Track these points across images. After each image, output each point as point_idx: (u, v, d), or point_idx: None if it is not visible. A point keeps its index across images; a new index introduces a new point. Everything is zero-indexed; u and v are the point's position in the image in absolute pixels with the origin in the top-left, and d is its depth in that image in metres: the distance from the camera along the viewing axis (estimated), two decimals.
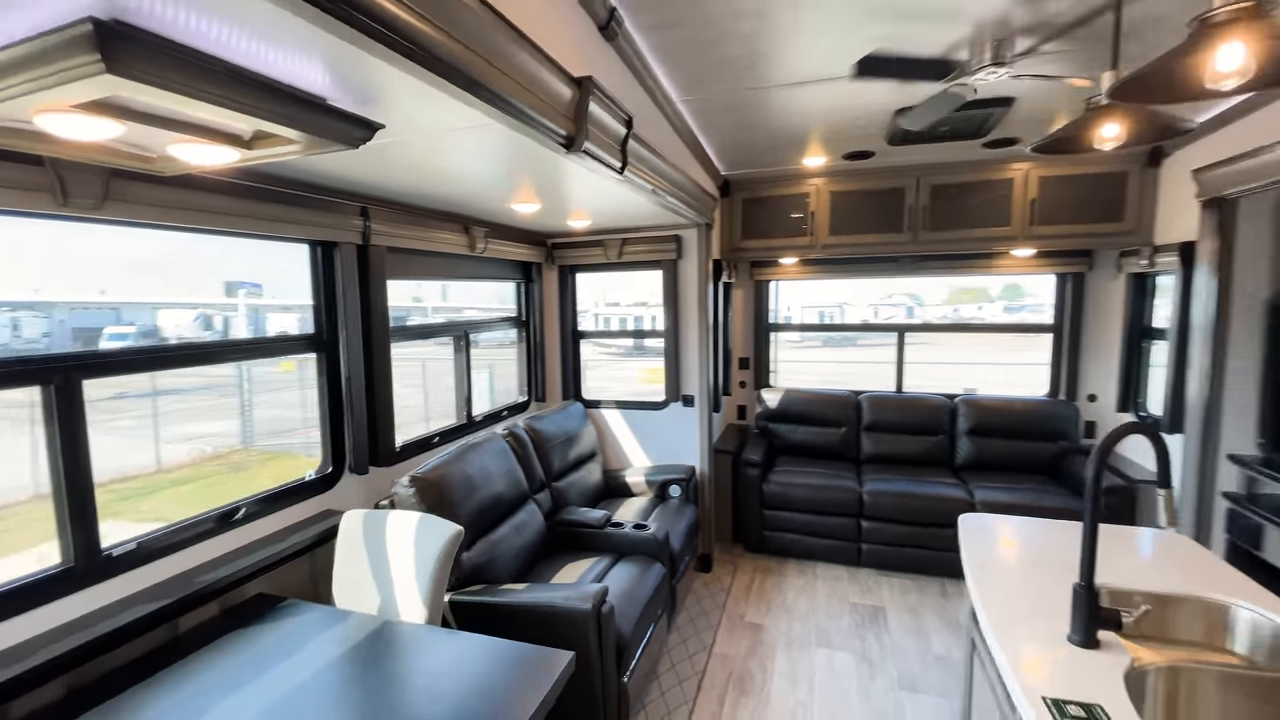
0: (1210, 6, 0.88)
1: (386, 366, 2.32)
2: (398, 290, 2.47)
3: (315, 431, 2.20)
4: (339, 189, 2.09)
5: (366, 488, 2.33)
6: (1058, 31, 1.98)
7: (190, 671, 1.42)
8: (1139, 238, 3.37)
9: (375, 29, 0.89)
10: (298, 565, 1.95)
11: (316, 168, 1.80)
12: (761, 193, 3.98)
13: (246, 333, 8.98)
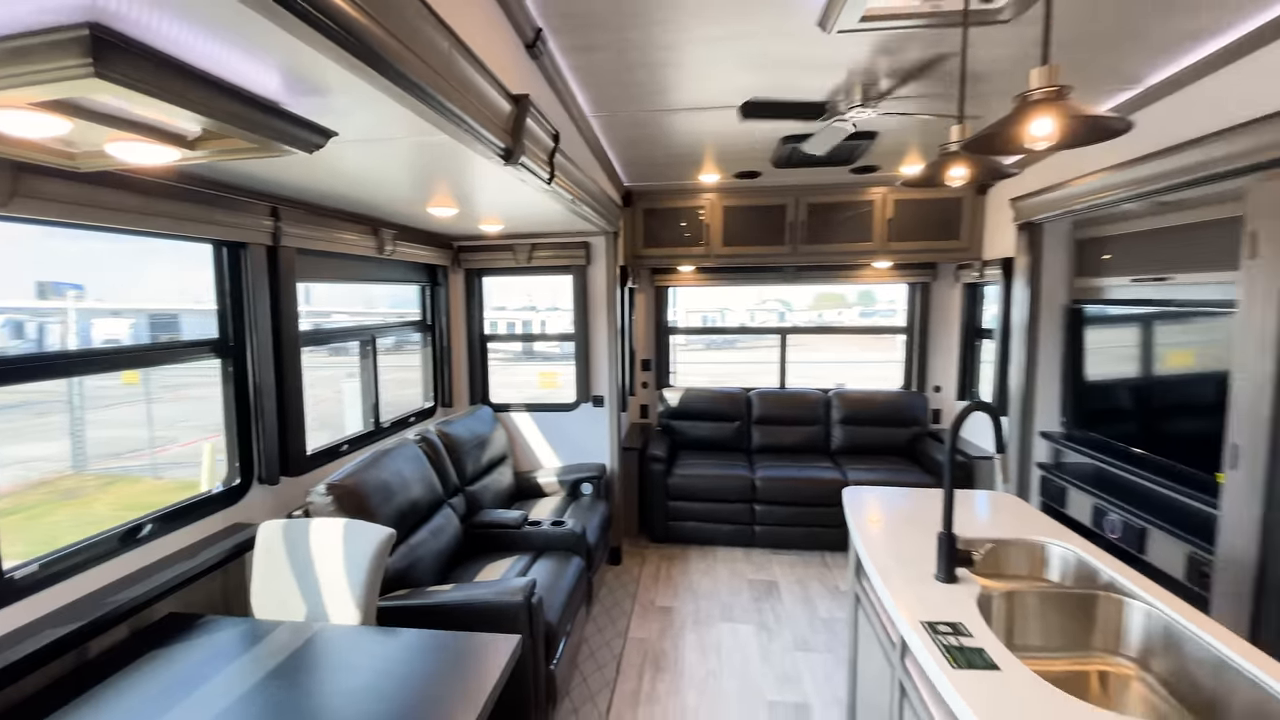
0: (1029, 88, 1.19)
1: (297, 372, 2.24)
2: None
3: (167, 450, 2.07)
4: (248, 188, 2.00)
5: (277, 498, 2.23)
6: (912, 76, 2.38)
7: (105, 699, 1.33)
8: (971, 253, 4.03)
9: (343, 37, 0.92)
10: (209, 582, 1.85)
11: (229, 167, 1.73)
12: (661, 204, 4.23)
13: (74, 341, 7.82)
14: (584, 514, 3.33)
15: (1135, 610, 1.46)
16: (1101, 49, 2.13)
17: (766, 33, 1.99)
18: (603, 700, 2.57)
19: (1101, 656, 1.49)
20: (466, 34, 1.36)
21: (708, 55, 2.16)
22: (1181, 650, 1.34)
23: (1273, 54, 1.93)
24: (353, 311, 3.13)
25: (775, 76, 2.34)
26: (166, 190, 1.65)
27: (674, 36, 2.01)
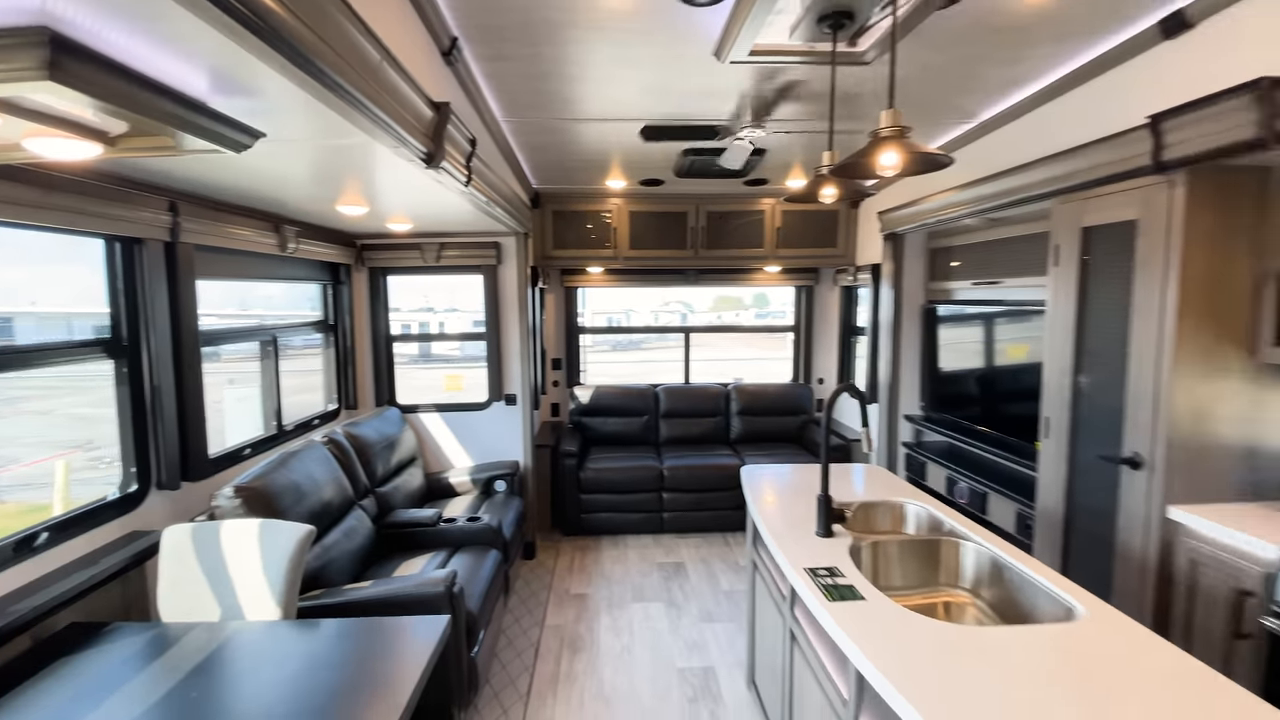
0: (880, 126, 1.47)
1: (197, 372, 2.16)
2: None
3: (10, 470, 1.96)
4: (146, 182, 1.92)
5: (177, 504, 2.14)
6: (794, 101, 2.70)
7: (12, 711, 1.28)
8: (847, 260, 4.51)
9: (281, 43, 0.98)
10: (109, 591, 1.76)
11: (129, 159, 1.68)
12: (570, 206, 4.37)
13: None
14: (499, 510, 3.39)
15: (969, 550, 1.81)
16: (944, 89, 2.54)
17: (670, 58, 2.20)
18: (523, 683, 2.67)
19: (945, 589, 1.83)
20: (389, 40, 1.44)
21: (616, 73, 2.34)
22: (1002, 578, 1.69)
23: (1068, 101, 2.41)
24: (234, 314, 2.97)
25: (678, 95, 2.57)
26: (65, 184, 1.58)
27: (584, 54, 2.18)
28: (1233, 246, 1.96)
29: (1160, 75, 2.01)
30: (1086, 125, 2.28)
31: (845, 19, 1.82)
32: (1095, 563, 2.33)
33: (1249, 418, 2.02)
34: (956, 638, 1.28)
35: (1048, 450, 2.57)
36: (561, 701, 2.56)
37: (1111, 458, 2.22)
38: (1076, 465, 2.43)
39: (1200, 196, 1.94)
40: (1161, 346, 2.01)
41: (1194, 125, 1.82)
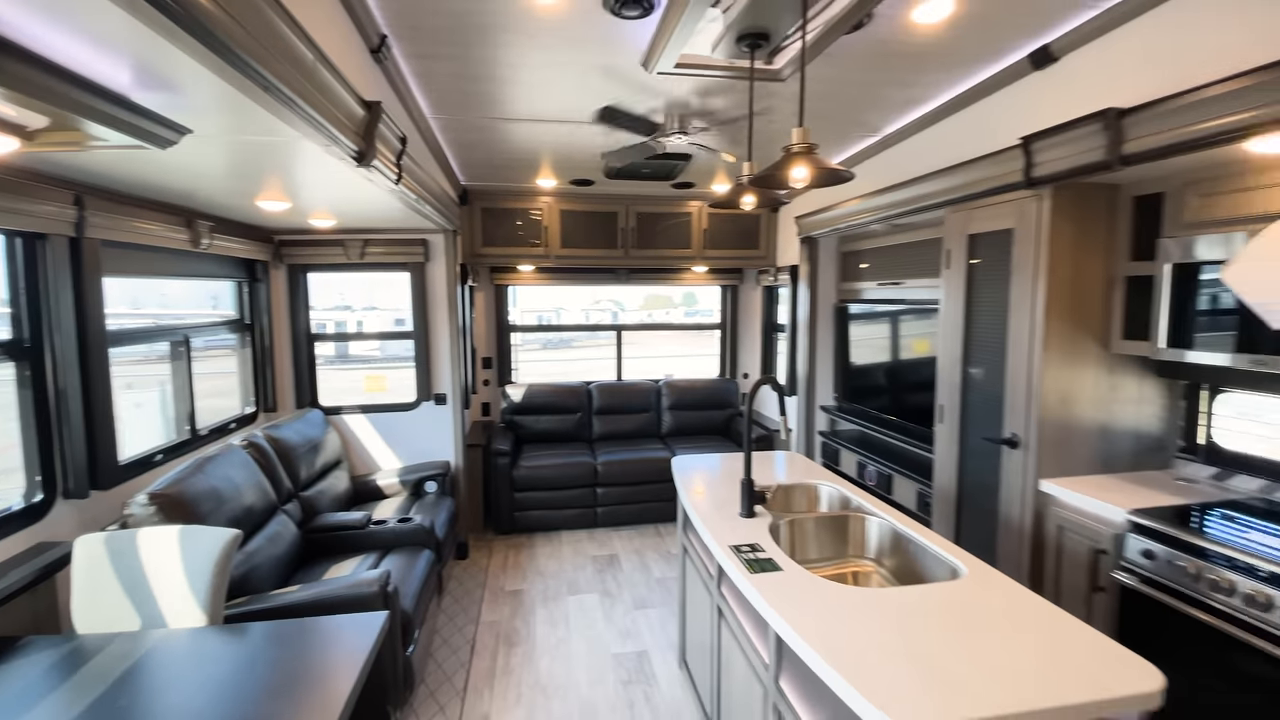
0: (791, 143, 1.62)
1: (105, 375, 2.04)
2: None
3: None
4: (49, 174, 1.80)
5: (85, 513, 2.02)
6: (717, 122, 2.86)
7: None
8: (768, 261, 4.76)
9: (216, 43, 0.99)
10: (17, 605, 1.65)
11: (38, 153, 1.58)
12: (499, 204, 4.36)
13: None
14: (430, 510, 3.37)
15: (873, 524, 2.01)
16: (851, 106, 2.77)
17: (601, 65, 2.29)
18: (459, 680, 2.69)
19: (853, 560, 2.02)
20: (318, 37, 1.44)
21: (547, 77, 2.40)
22: (901, 548, 1.90)
23: (958, 120, 2.69)
24: (137, 313, 2.77)
25: (608, 100, 2.65)
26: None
27: (516, 57, 2.23)
28: (1089, 253, 2.28)
29: (1031, 102, 2.29)
30: (973, 143, 2.55)
31: (762, 40, 1.97)
32: (982, 532, 2.62)
33: (1103, 401, 2.34)
34: (860, 599, 1.45)
35: (942, 434, 2.86)
36: (499, 695, 2.60)
37: (994, 439, 2.51)
38: (966, 447, 2.72)
39: (1063, 209, 2.23)
40: (1033, 340, 2.31)
41: (1057, 147, 2.11)
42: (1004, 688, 1.11)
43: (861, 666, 1.18)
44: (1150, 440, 2.40)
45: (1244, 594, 1.64)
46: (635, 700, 2.55)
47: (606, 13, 1.92)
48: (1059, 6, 1.94)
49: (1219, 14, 1.69)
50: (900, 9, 1.91)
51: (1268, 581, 1.60)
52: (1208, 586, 1.73)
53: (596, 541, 4.19)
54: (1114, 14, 1.94)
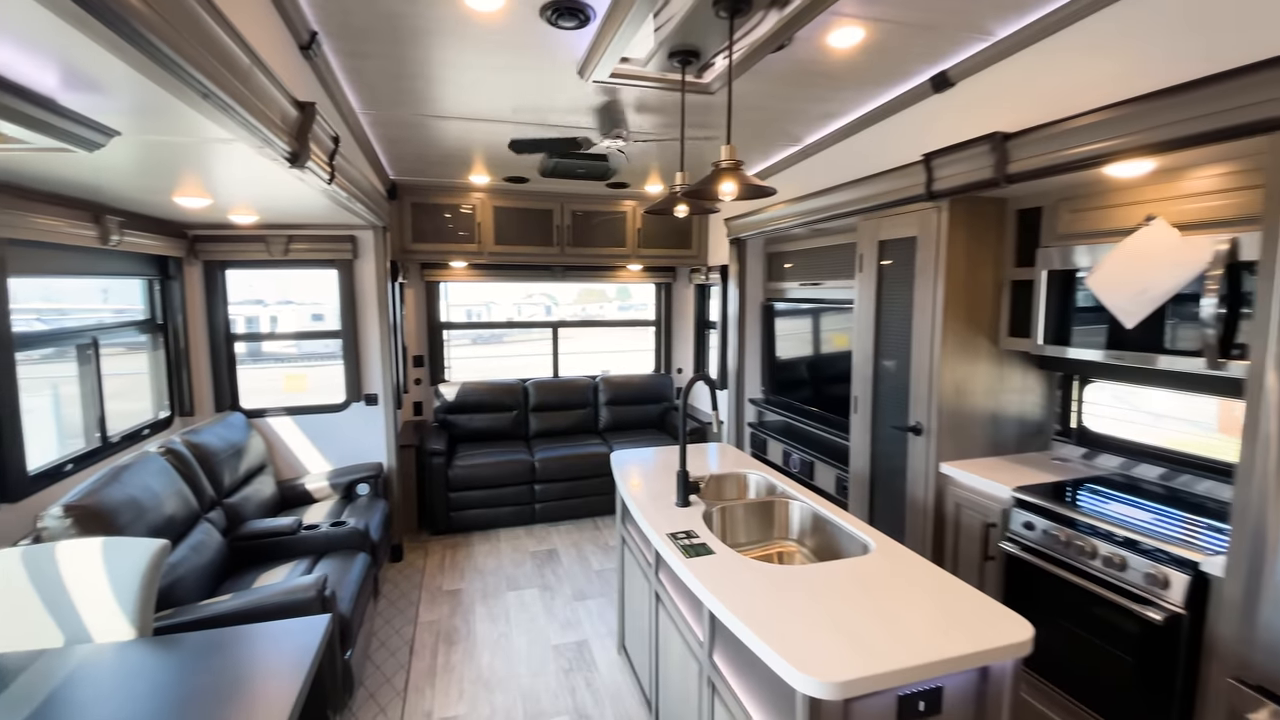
0: (720, 159, 1.74)
1: (12, 379, 1.91)
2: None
3: None
4: None
5: None
6: (650, 129, 2.96)
7: None
8: (700, 260, 4.93)
9: (140, 39, 0.97)
10: None
11: None
12: (430, 199, 4.30)
13: None
14: (363, 513, 3.31)
15: (796, 508, 2.18)
16: (776, 117, 2.94)
17: (537, 71, 2.33)
18: (399, 680, 2.69)
19: (779, 542, 2.19)
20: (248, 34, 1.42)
21: (482, 78, 2.42)
22: (821, 528, 2.07)
23: (871, 135, 2.91)
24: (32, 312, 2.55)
25: (544, 104, 2.70)
26: None
27: (451, 58, 2.24)
28: (980, 259, 2.54)
29: (932, 122, 2.53)
30: (882, 156, 2.78)
31: (692, 56, 2.09)
32: (893, 512, 2.87)
33: (993, 391, 2.63)
34: (784, 576, 1.59)
35: (856, 423, 3.10)
36: (440, 692, 2.62)
37: (901, 426, 2.76)
38: (878, 434, 2.97)
39: (958, 220, 2.49)
40: (933, 337, 2.55)
41: (953, 164, 2.34)
42: (904, 645, 1.28)
43: (784, 635, 1.32)
44: (1032, 425, 2.71)
45: (1103, 556, 1.92)
46: (576, 686, 2.64)
47: (543, 22, 1.97)
48: (954, 37, 2.16)
49: (1088, 54, 1.94)
50: (818, 34, 2.08)
51: (1122, 545, 1.88)
52: (1076, 552, 2.00)
53: (535, 537, 4.23)
54: (1001, 46, 2.18)
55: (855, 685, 1.18)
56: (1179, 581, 1.72)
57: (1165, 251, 1.91)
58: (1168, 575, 1.74)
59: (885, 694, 1.25)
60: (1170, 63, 1.68)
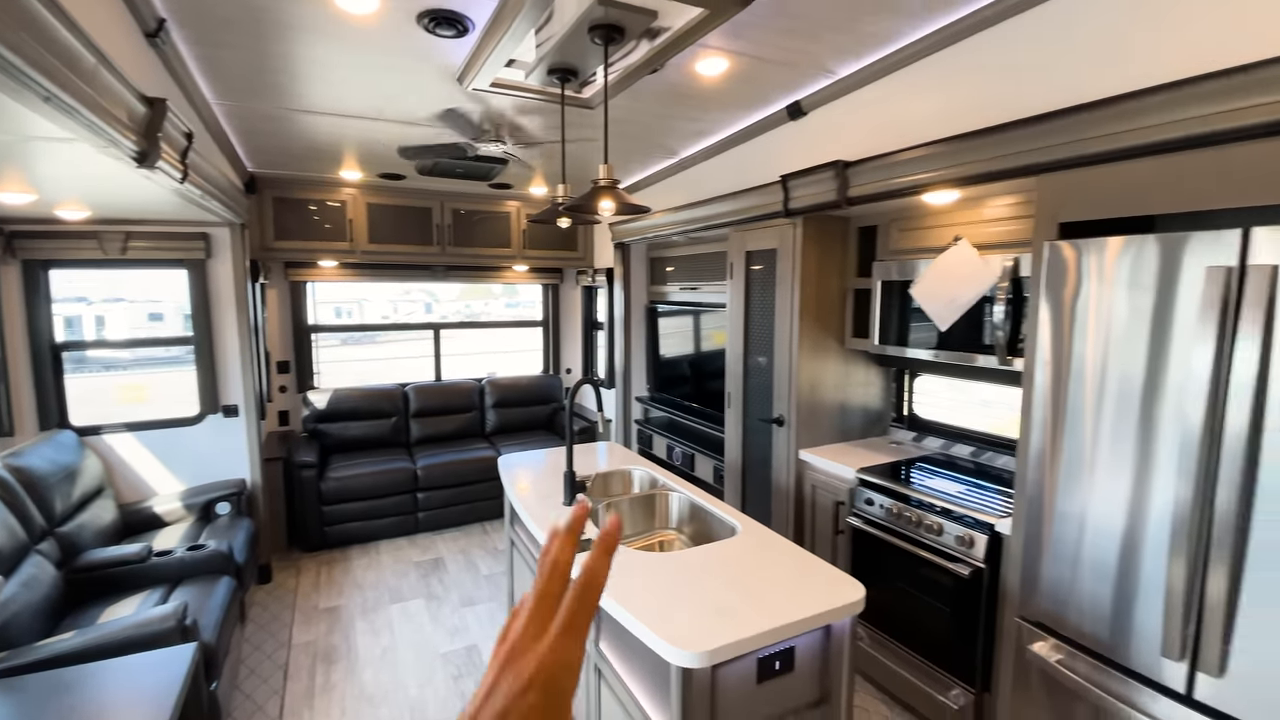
0: (598, 177, 1.86)
1: None
2: None
3: None
4: None
5: None
6: (531, 136, 3.02)
7: None
8: (586, 263, 5.04)
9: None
10: None
11: None
12: (294, 194, 4.03)
13: None
14: (225, 534, 3.07)
15: (675, 499, 2.37)
16: (654, 131, 3.11)
17: (415, 74, 2.31)
18: (273, 706, 2.55)
19: (660, 532, 2.36)
20: (90, 24, 1.32)
21: (356, 77, 2.36)
22: (697, 516, 2.27)
23: (739, 153, 3.17)
24: None
25: (421, 106, 2.67)
26: None
27: (320, 55, 2.16)
28: (829, 270, 2.88)
29: (789, 146, 2.82)
30: (749, 174, 3.05)
31: (570, 74, 2.18)
32: (762, 497, 3.16)
33: (841, 385, 2.99)
34: (661, 562, 1.75)
35: (730, 417, 3.37)
36: (320, 712, 2.52)
37: (766, 419, 3.05)
38: (748, 427, 3.25)
39: (810, 235, 2.80)
40: (791, 338, 2.85)
41: (805, 186, 2.63)
42: (762, 613, 1.47)
43: (659, 615, 1.46)
44: (874, 414, 3.11)
45: (926, 525, 2.27)
46: (466, 692, 2.65)
47: (421, 29, 1.97)
48: (804, 72, 2.43)
49: (914, 95, 2.26)
50: (688, 61, 2.26)
51: (940, 514, 2.24)
52: (906, 522, 2.35)
53: (419, 547, 4.13)
54: (844, 83, 2.48)
55: (720, 653, 1.35)
56: (980, 541, 2.09)
57: (968, 267, 2.29)
58: (973, 536, 2.11)
59: (746, 658, 1.44)
60: (973, 111, 2.03)
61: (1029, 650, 1.78)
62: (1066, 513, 1.69)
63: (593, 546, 0.38)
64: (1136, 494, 1.52)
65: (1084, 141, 1.66)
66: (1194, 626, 1.40)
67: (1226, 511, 1.33)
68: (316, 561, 3.91)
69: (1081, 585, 1.65)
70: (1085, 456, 1.64)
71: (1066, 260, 1.66)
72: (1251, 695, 1.32)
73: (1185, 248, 1.40)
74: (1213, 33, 1.46)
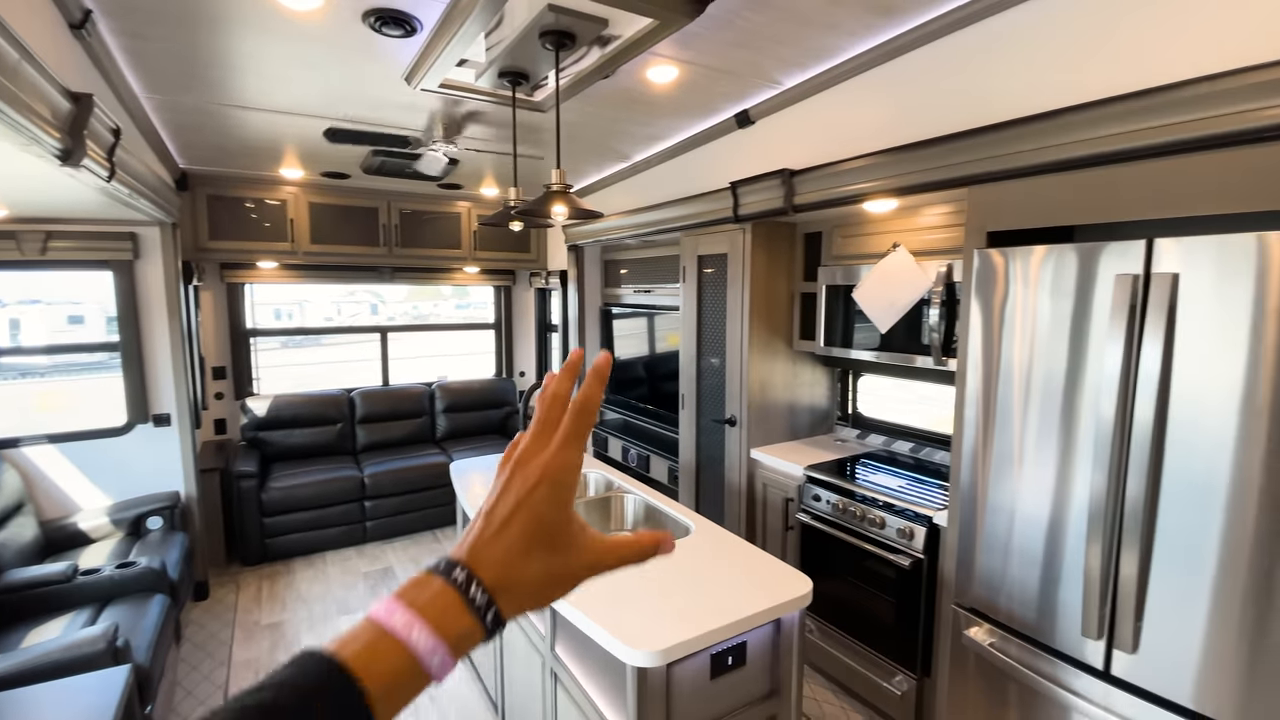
0: (551, 182, 1.86)
1: None
2: None
3: None
4: None
5: None
6: (481, 138, 2.99)
7: None
8: (539, 265, 5.01)
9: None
10: None
11: None
12: (230, 192, 3.86)
13: None
14: (157, 550, 2.92)
15: (629, 501, 2.39)
16: (606, 136, 3.13)
17: (360, 72, 2.26)
18: None
19: (616, 535, 2.38)
20: (11, 16, 1.25)
21: (297, 74, 2.28)
22: (653, 517, 2.30)
23: (691, 159, 3.22)
24: None
25: (368, 103, 2.60)
26: None
27: (259, 50, 2.08)
28: (777, 274, 2.96)
29: (737, 154, 2.88)
30: (701, 179, 3.10)
31: (521, 78, 2.18)
32: (715, 496, 3.22)
33: (789, 385, 3.08)
34: None
35: (684, 418, 3.42)
36: None
37: (719, 420, 3.11)
38: (701, 427, 3.31)
39: (759, 240, 2.87)
40: (742, 340, 2.92)
41: (753, 193, 2.70)
42: (715, 610, 1.51)
43: (616, 616, 1.48)
44: (820, 412, 3.22)
45: (870, 519, 2.37)
46: (418, 703, 2.60)
47: (366, 28, 1.93)
48: (750, 83, 2.49)
49: (856, 108, 2.34)
50: (639, 68, 2.28)
51: (882, 508, 2.34)
52: (851, 516, 2.44)
53: (367, 557, 4.01)
54: (791, 94, 2.56)
55: (674, 651, 1.38)
56: (920, 533, 2.19)
57: (906, 273, 2.41)
58: (912, 529, 2.22)
59: (700, 654, 1.47)
60: (910, 124, 2.13)
61: (965, 635, 1.89)
62: (997, 504, 1.80)
63: (587, 376, 0.44)
64: (1059, 485, 1.63)
65: (1008, 156, 1.78)
66: (1110, 607, 1.52)
67: (1136, 499, 1.45)
68: (258, 576, 3.75)
69: (1011, 572, 1.76)
70: (1014, 451, 1.75)
71: (995, 267, 1.76)
72: (1160, 668, 1.44)
73: (1099, 257, 1.51)
74: (1122, 59, 1.58)
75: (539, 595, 0.42)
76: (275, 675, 0.35)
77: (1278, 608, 1.26)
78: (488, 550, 0.40)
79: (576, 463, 0.43)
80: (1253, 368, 1.26)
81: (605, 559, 0.44)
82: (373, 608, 0.39)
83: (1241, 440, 1.28)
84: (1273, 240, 1.23)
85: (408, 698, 0.37)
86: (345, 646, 0.36)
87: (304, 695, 0.34)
